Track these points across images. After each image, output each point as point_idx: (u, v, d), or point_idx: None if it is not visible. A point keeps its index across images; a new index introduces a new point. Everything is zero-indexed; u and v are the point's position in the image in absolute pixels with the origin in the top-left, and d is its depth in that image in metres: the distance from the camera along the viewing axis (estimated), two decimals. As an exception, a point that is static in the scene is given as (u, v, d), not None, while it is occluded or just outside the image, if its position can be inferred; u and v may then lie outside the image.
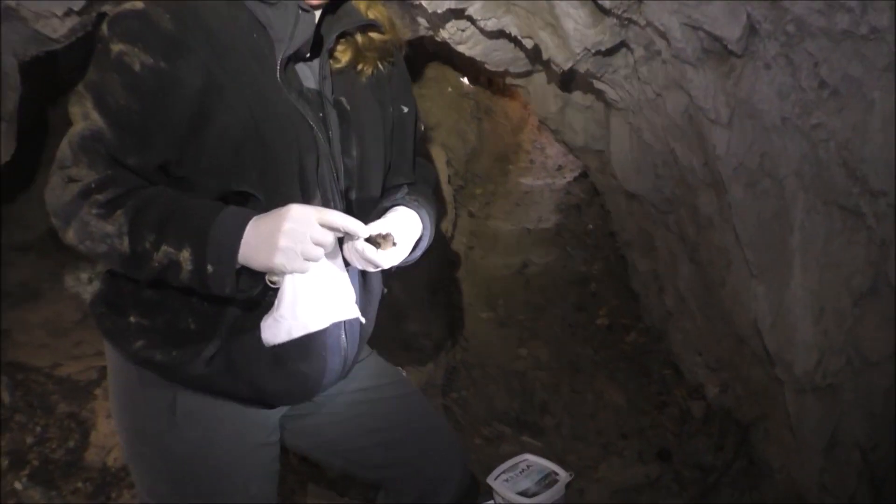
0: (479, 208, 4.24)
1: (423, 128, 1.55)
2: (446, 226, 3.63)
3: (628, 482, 2.25)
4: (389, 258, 1.12)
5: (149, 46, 1.04)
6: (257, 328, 1.10)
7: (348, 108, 1.22)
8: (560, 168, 4.64)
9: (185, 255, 1.02)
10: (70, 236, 1.07)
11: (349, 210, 1.23)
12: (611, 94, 2.55)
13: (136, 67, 1.04)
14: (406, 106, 1.35)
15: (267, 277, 1.05)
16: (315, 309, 1.09)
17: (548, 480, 2.08)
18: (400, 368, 1.61)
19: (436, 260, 3.19)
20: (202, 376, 1.16)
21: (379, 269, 1.14)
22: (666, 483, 2.27)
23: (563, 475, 2.09)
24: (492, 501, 2.11)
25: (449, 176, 3.98)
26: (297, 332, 1.08)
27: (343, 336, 1.24)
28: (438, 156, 3.74)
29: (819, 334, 1.87)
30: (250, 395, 1.21)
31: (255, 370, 1.17)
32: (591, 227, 3.92)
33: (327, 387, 1.29)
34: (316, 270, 1.07)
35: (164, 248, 1.03)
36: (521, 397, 2.74)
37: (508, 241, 3.94)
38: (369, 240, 1.11)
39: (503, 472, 2.13)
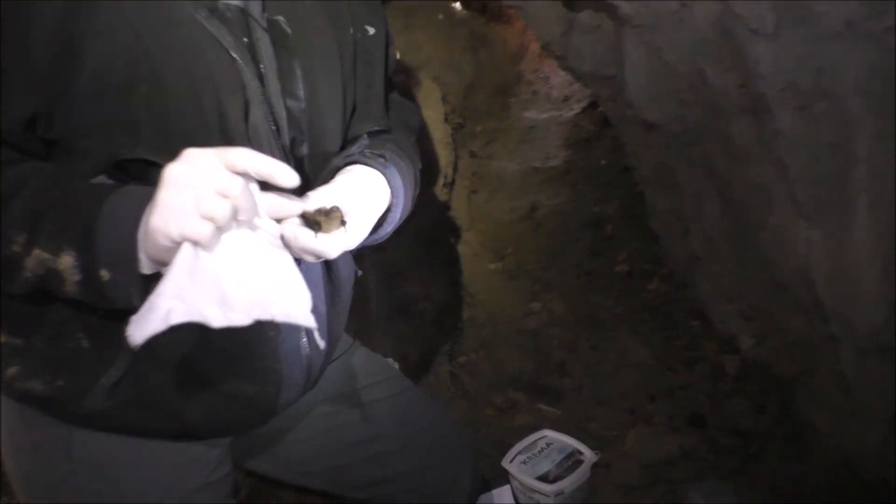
0: (480, 147, 3.90)
1: (398, 55, 1.22)
2: (446, 169, 3.31)
3: (660, 455, 2.00)
4: (335, 245, 0.81)
5: None
6: (176, 342, 0.81)
7: (288, 30, 0.91)
8: (566, 99, 4.27)
9: (67, 262, 0.73)
10: None
11: (300, 174, 0.93)
12: (624, 8, 2.19)
13: None
14: (372, 26, 1.03)
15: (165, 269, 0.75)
16: (223, 293, 0.73)
17: (571, 461, 1.83)
18: (391, 360, 1.33)
19: (435, 209, 2.89)
20: (103, 413, 0.87)
21: (321, 259, 0.83)
22: (701, 453, 2.01)
23: (589, 455, 1.84)
24: (508, 486, 1.86)
25: (446, 114, 3.64)
26: (181, 318, 0.70)
27: (304, 339, 0.96)
28: (432, 92, 3.39)
29: (889, 287, 1.57)
30: (174, 432, 0.93)
31: (176, 399, 0.88)
32: (603, 162, 3.59)
33: (286, 407, 1.01)
34: (231, 243, 0.75)
35: (35, 252, 0.73)
36: (536, 358, 2.48)
37: (514, 183, 3.62)
38: (306, 219, 0.80)
39: (520, 452, 1.88)
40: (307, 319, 0.76)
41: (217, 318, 0.71)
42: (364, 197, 0.88)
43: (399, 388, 1.23)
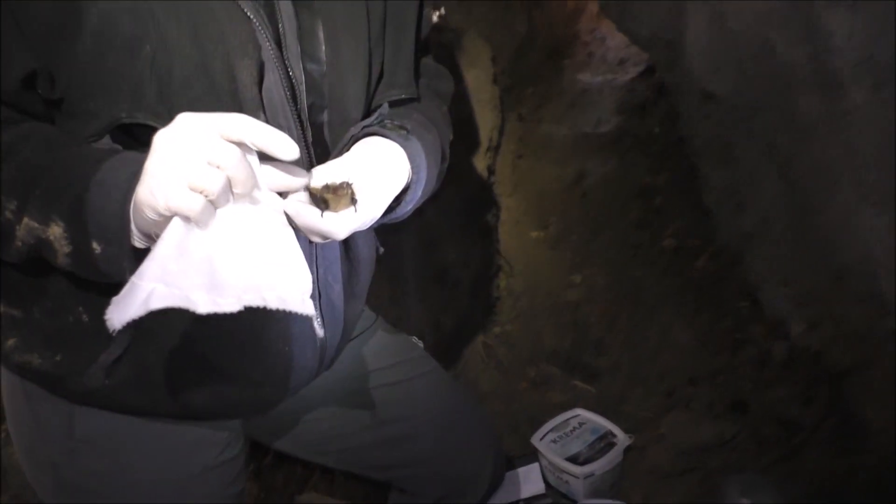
0: (529, 111, 3.78)
1: (434, 16, 1.14)
2: (491, 132, 3.22)
3: (697, 441, 1.93)
4: (343, 224, 0.74)
5: None
6: (176, 321, 0.77)
7: None
8: (622, 62, 4.10)
9: (56, 232, 0.69)
10: None
11: (319, 144, 0.87)
12: (689, -31, 2.06)
13: None
14: None
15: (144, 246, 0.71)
16: (213, 275, 0.67)
17: (603, 443, 1.77)
18: (415, 339, 1.27)
19: (477, 174, 2.81)
20: (102, 391, 0.84)
21: (328, 240, 0.77)
22: (741, 442, 1.93)
23: (622, 438, 1.78)
24: (536, 464, 1.82)
25: (495, 75, 3.53)
26: (162, 302, 0.63)
27: (319, 320, 0.91)
28: (482, 52, 3.28)
29: (962, 284, 1.45)
30: (177, 413, 0.90)
31: (177, 381, 0.84)
32: (656, 130, 3.44)
33: (297, 390, 0.97)
34: (225, 219, 0.69)
35: (25, 220, 0.69)
36: (573, 333, 2.41)
37: (562, 148, 3.50)
38: (312, 195, 0.73)
39: (551, 430, 1.83)
40: (305, 306, 0.69)
41: (203, 303, 0.64)
42: (379, 172, 0.80)
43: (421, 369, 1.18)
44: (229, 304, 0.66)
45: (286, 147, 0.68)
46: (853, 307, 2.01)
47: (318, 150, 0.86)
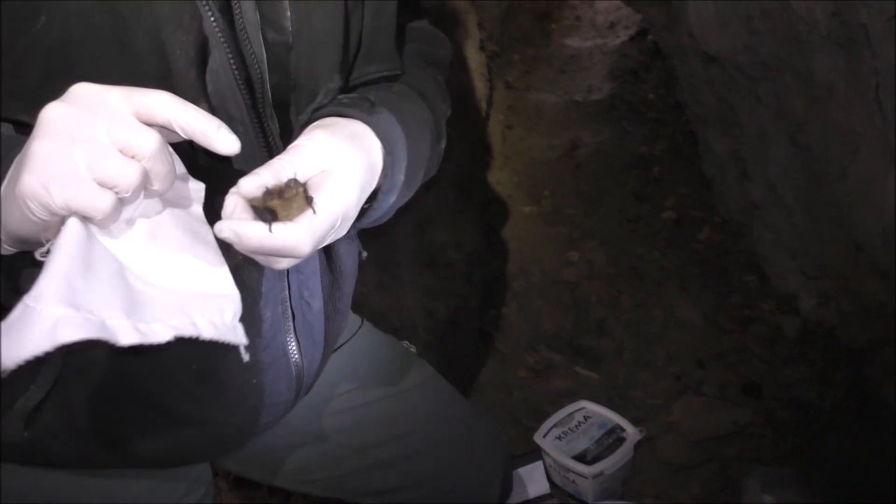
0: (517, 78, 3.62)
1: None
2: (479, 102, 3.05)
3: (711, 429, 1.81)
4: (302, 233, 0.57)
5: None
6: (113, 351, 0.62)
7: None
8: (612, 26, 3.93)
9: None
10: None
11: (286, 131, 0.71)
12: (693, -81, 1.89)
13: None
14: None
15: (40, 251, 0.54)
16: (130, 292, 0.52)
17: (612, 438, 1.64)
18: (406, 343, 1.12)
19: (465, 146, 2.65)
20: (22, 445, 0.69)
21: (279, 266, 0.60)
22: (757, 429, 1.82)
23: (632, 432, 1.65)
24: (540, 462, 1.69)
25: (481, 40, 3.35)
26: (74, 333, 0.47)
27: (293, 344, 0.76)
28: (468, 16, 3.10)
29: None
30: (121, 465, 0.75)
31: (117, 427, 0.69)
32: (651, 97, 3.30)
33: (270, 426, 0.82)
34: (138, 220, 0.55)
35: None
36: (574, 314, 2.28)
37: (553, 117, 3.35)
38: (253, 208, 0.57)
39: (555, 425, 1.70)
40: (236, 332, 0.55)
41: (125, 332, 0.49)
42: (337, 158, 0.62)
43: (415, 379, 1.03)
44: (157, 332, 0.51)
45: (226, 140, 0.53)
46: (871, 281, 1.89)
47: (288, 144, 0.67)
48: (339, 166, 0.61)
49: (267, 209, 0.56)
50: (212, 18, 0.62)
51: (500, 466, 1.10)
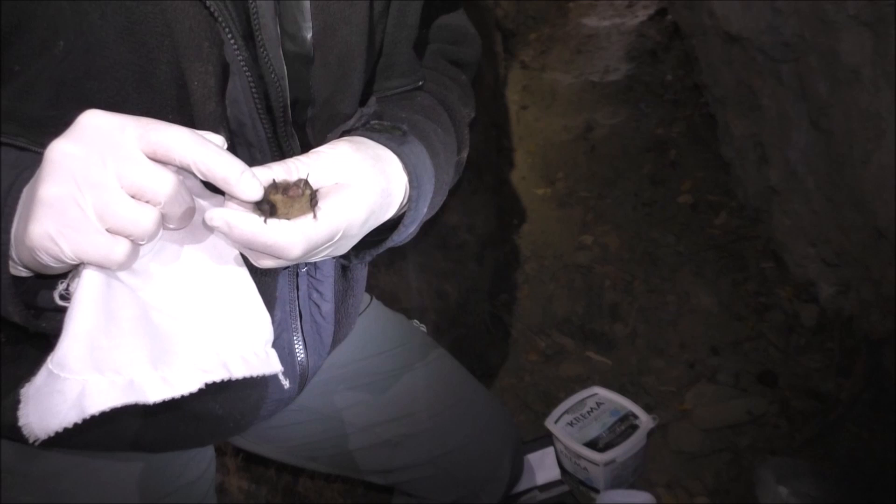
0: (532, 58, 3.56)
1: None
2: (494, 82, 3.00)
3: (724, 418, 1.78)
4: (296, 234, 0.53)
5: None
6: None
7: None
8: (631, 5, 3.86)
9: None
10: None
11: (304, 148, 0.68)
12: None
13: None
14: None
15: (58, 290, 0.51)
16: (154, 340, 0.49)
17: (624, 426, 1.62)
18: (417, 322, 1.09)
19: (479, 127, 2.60)
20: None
21: (263, 264, 0.56)
22: (772, 418, 1.79)
23: (645, 420, 1.62)
24: (551, 448, 1.68)
25: (497, 19, 3.30)
26: (104, 402, 0.45)
27: (300, 344, 0.74)
28: (482, -6, 3.04)
29: None
30: (122, 448, 0.73)
31: (117, 416, 0.67)
32: (669, 78, 3.23)
33: (270, 417, 0.80)
34: (157, 262, 0.52)
35: None
36: (586, 299, 2.25)
37: (569, 98, 3.30)
38: (261, 203, 0.53)
39: (567, 411, 1.68)
40: (269, 362, 0.53)
41: (153, 388, 0.47)
42: (356, 175, 0.58)
43: (423, 357, 1.01)
44: (186, 381, 0.49)
45: (246, 185, 0.50)
46: (892, 269, 1.85)
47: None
48: (355, 182, 0.58)
49: (267, 201, 0.52)
50: (232, 42, 0.59)
51: (511, 450, 1.07)
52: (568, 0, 3.94)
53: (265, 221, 0.51)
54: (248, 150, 0.65)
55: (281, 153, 0.66)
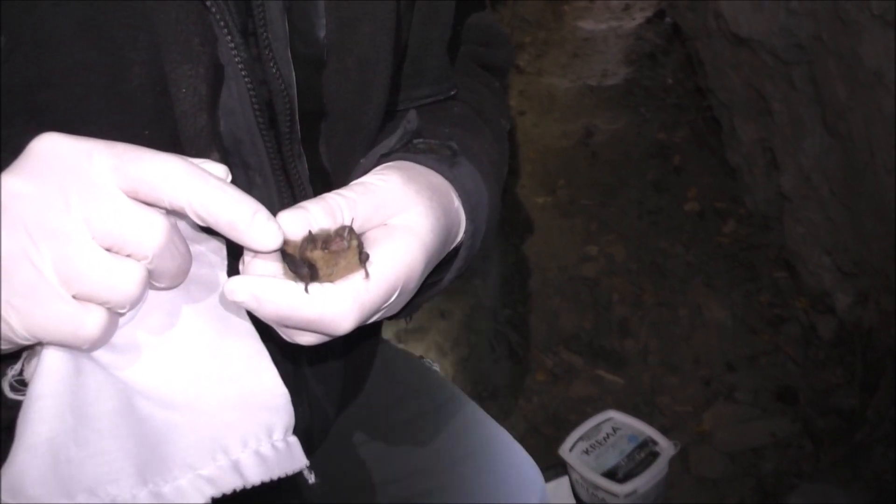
0: (528, 62, 3.48)
1: None
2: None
3: (746, 441, 1.69)
4: (348, 303, 0.41)
5: None
6: None
7: None
8: (628, 7, 3.79)
9: None
10: None
11: (321, 178, 0.57)
12: None
13: None
14: None
15: (7, 377, 0.40)
16: (140, 440, 0.37)
17: (644, 453, 1.52)
18: (427, 361, 1.00)
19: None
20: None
21: (302, 341, 0.44)
22: (795, 439, 1.70)
23: (666, 446, 1.53)
24: (565, 478, 1.58)
25: (491, 23, 3.20)
26: None
27: (313, 385, 0.64)
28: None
29: None
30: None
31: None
32: (670, 81, 3.16)
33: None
34: (140, 332, 0.40)
35: None
36: (594, 313, 2.16)
37: (567, 103, 3.22)
38: (286, 256, 0.40)
39: (581, 438, 1.58)
40: (288, 456, 0.41)
41: (140, 496, 0.36)
42: (411, 214, 0.47)
43: (438, 401, 0.91)
44: (187, 497, 0.37)
45: (260, 230, 0.39)
46: (914, 280, 1.77)
47: (318, 190, 0.54)
48: (410, 223, 0.47)
49: (304, 259, 0.41)
50: (229, 39, 0.48)
51: (536, 494, 0.97)
52: (563, 3, 3.86)
53: (306, 289, 0.40)
54: (246, 172, 0.53)
55: (286, 177, 0.55)
